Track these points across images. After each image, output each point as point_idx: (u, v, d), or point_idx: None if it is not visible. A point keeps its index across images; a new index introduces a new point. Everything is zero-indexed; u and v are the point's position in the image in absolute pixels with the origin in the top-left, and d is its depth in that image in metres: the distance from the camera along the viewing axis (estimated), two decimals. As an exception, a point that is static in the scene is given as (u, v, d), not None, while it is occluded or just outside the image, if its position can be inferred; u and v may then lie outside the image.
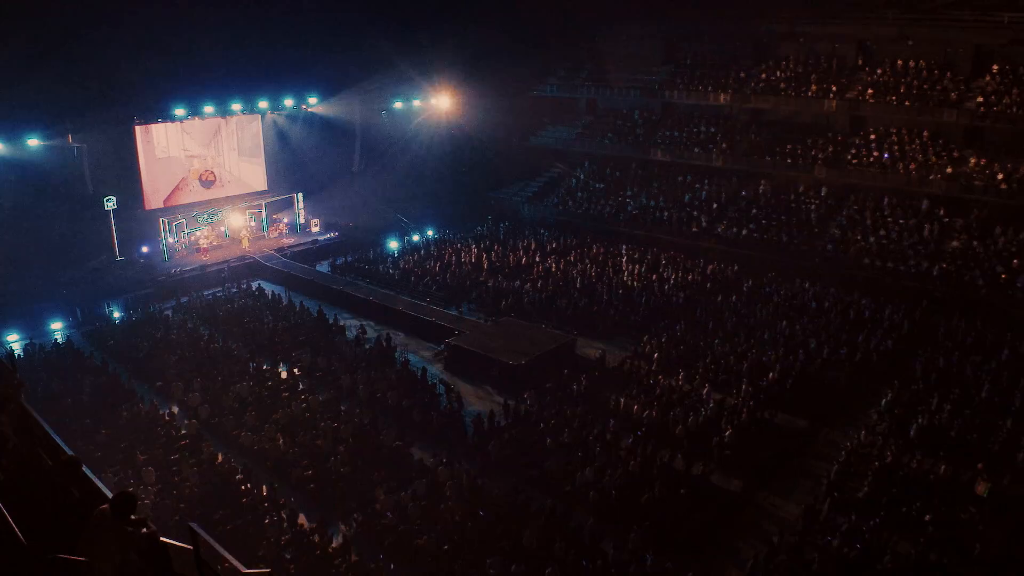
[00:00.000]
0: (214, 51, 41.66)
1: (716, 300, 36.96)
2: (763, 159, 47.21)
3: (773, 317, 34.33)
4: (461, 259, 44.10)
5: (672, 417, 25.83)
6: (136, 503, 7.20)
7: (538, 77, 59.15)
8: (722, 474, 23.59)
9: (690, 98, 51.75)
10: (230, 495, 21.92)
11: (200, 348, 32.52)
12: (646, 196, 50.04)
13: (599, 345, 32.86)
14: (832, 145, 45.57)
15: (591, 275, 40.61)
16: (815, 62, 48.78)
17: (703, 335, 32.87)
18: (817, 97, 46.27)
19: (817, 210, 43.71)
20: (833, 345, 30.95)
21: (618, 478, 22.30)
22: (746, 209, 45.64)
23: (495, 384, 30.23)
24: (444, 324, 34.82)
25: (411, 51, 49.09)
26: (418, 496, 21.59)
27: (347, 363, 31.43)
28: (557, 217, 51.92)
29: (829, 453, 24.78)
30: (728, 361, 29.99)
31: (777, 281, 38.77)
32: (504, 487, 22.40)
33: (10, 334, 34.68)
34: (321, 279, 42.36)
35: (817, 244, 41.19)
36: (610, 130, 55.41)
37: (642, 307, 36.39)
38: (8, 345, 33.68)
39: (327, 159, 52.02)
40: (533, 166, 57.70)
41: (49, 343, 33.58)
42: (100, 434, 24.97)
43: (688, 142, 51.00)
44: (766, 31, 51.33)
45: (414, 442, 25.41)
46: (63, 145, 41.05)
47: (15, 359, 29.15)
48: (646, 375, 29.41)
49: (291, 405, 27.16)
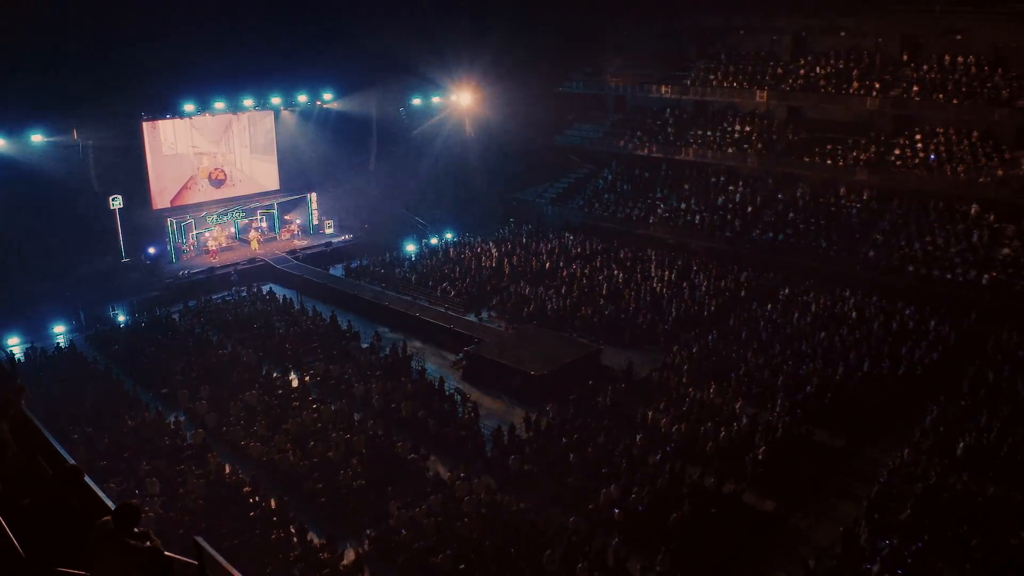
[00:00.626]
0: (224, 44, 41.73)
1: (750, 309, 36.72)
2: (801, 160, 46.90)
3: (811, 327, 34.04)
4: (481, 263, 44.17)
5: (703, 432, 25.67)
6: (139, 515, 7.23)
7: (563, 73, 59.08)
8: (755, 494, 23.38)
9: (724, 95, 51.52)
10: (237, 508, 22.02)
11: (208, 354, 32.74)
12: (676, 198, 49.88)
13: (626, 355, 32.71)
14: (875, 145, 45.19)
15: (618, 281, 40.51)
16: (857, 58, 48.37)
17: (736, 346, 32.65)
18: (859, 95, 45.88)
19: (859, 214, 43.36)
20: (875, 358, 30.63)
21: (645, 496, 22.18)
22: (783, 213, 45.35)
23: (516, 395, 30.19)
24: (463, 331, 34.87)
25: (431, 45, 49.21)
26: (434, 512, 21.58)
27: (361, 371, 31.54)
28: (583, 220, 51.87)
29: (869, 473, 24.48)
30: (763, 374, 29.77)
31: (815, 289, 38.44)
32: (525, 504, 22.33)
33: (11, 337, 35.06)
34: (335, 283, 42.61)
35: (858, 250, 40.85)
36: (639, 129, 55.26)
37: (672, 316, 36.21)
38: (8, 349, 34.01)
39: (342, 158, 52.22)
40: (558, 166, 57.70)
41: (51, 347, 33.97)
42: (103, 443, 25.21)
43: (722, 142, 50.79)
44: (805, 25, 51.01)
45: (430, 455, 25.42)
46: (68, 142, 41.41)
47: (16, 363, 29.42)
48: (675, 388, 29.27)
49: (302, 415, 27.26)
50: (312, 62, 47.16)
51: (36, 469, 9.54)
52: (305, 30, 44.97)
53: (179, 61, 40.93)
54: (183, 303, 39.16)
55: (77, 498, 8.33)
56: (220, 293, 41.03)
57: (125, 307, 38.69)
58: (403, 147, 54.94)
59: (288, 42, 44.82)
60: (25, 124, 39.27)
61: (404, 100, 54.72)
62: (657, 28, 56.53)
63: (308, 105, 51.06)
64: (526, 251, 46.29)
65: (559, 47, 56.71)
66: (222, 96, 46.66)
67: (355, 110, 52.35)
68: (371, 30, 45.45)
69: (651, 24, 56.58)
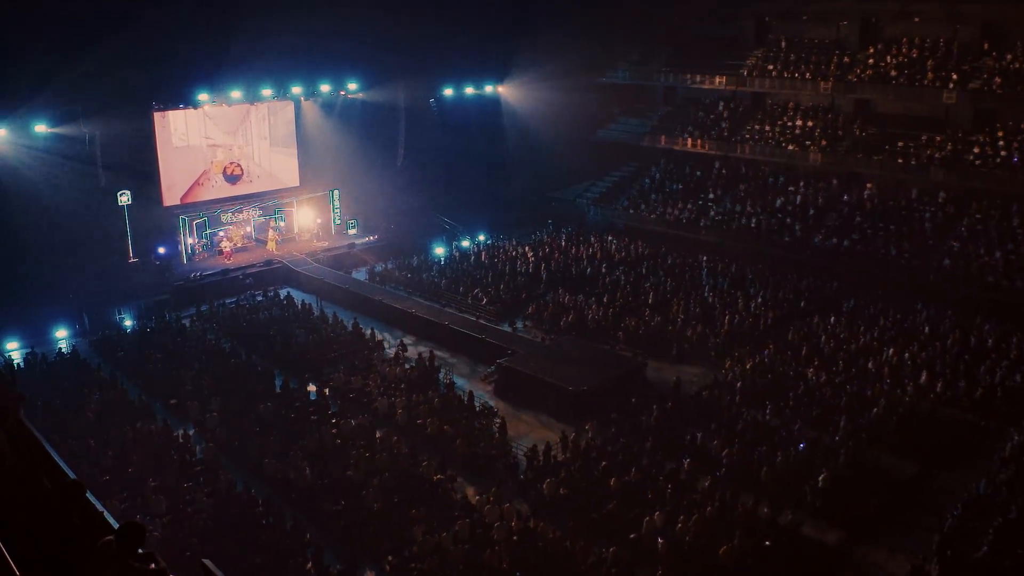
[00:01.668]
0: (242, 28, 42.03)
1: (811, 322, 36.47)
2: (869, 158, 46.48)
3: (878, 343, 33.74)
4: (516, 268, 44.21)
5: (757, 457, 25.53)
6: (144, 535, 7.28)
7: (607, 62, 58.99)
8: (815, 525, 23.21)
9: (784, 87, 51.25)
10: (248, 529, 22.16)
11: (220, 363, 33.08)
12: (731, 200, 49.71)
13: (673, 371, 32.62)
14: (951, 143, 44.68)
15: (665, 290, 40.41)
16: (933, 46, 47.91)
17: (795, 362, 32.48)
18: (934, 87, 45.37)
19: (932, 219, 42.93)
20: (949, 378, 30.32)
21: (692, 526, 22.04)
22: (848, 216, 45.06)
23: (552, 412, 30.14)
24: (495, 342, 34.89)
25: (464, 31, 49.36)
26: (461, 538, 21.60)
27: (384, 384, 31.67)
28: (627, 222, 51.81)
29: (942, 504, 24.17)
30: (824, 393, 29.59)
31: (884, 301, 38.12)
32: (560, 532, 22.28)
33: (10, 342, 35.57)
34: (357, 288, 42.85)
35: (932, 259, 40.44)
36: (690, 123, 55.11)
37: (724, 328, 36.06)
38: (7, 354, 34.54)
39: (367, 152, 52.44)
40: (600, 164, 57.66)
41: (53, 352, 34.43)
42: (106, 456, 25.50)
43: (781, 138, 50.48)
44: (875, 9, 50.62)
45: (457, 476, 25.46)
46: (73, 132, 41.88)
47: (15, 369, 29.86)
48: (727, 407, 29.13)
49: (320, 430, 27.43)
50: (336, 49, 47.34)
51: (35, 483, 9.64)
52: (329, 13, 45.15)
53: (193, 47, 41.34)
54: (194, 307, 39.57)
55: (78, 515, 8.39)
56: (234, 297, 41.39)
57: (132, 311, 39.10)
58: (433, 142, 55.06)
59: (310, 26, 45.00)
60: (28, 113, 39.59)
61: (435, 91, 54.92)
62: (711, 13, 56.33)
63: (331, 95, 51.38)
64: (565, 255, 46.30)
65: (603, 33, 56.66)
66: (239, 84, 46.80)
67: (382, 101, 52.59)
68: (399, 14, 45.66)
69: (705, 8, 56.42)
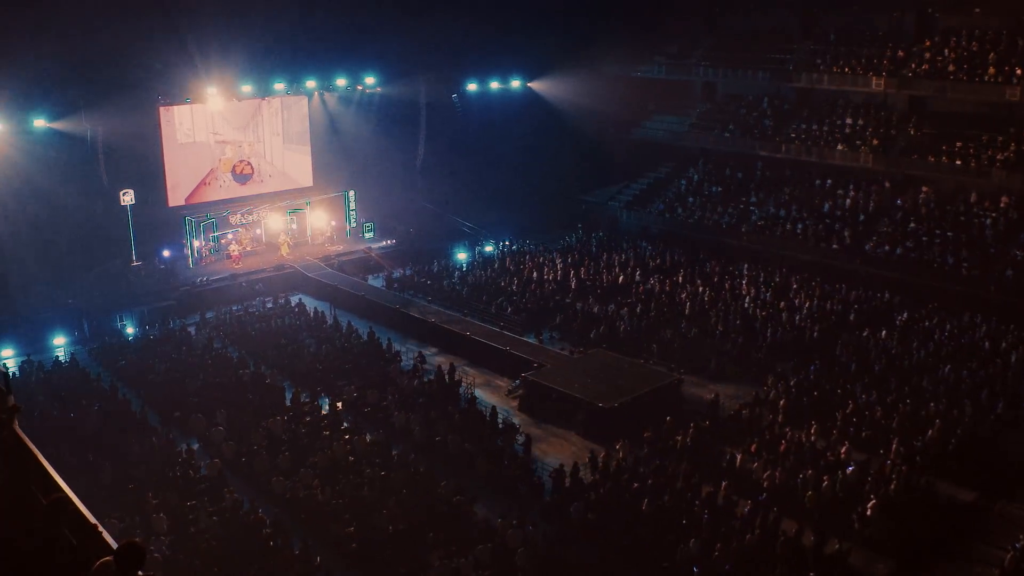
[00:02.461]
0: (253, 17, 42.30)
1: (861, 336, 36.25)
2: (925, 160, 46.17)
3: (934, 360, 33.51)
4: (544, 276, 44.23)
5: (801, 481, 25.37)
6: (145, 556, 7.28)
7: (643, 55, 58.96)
8: (864, 555, 23.05)
9: (833, 82, 51.00)
10: (255, 552, 22.23)
11: (227, 374, 33.24)
12: (774, 203, 49.56)
13: (711, 387, 32.53)
14: (1015, 143, 44.30)
15: (703, 299, 40.29)
16: (995, 38, 47.59)
17: (843, 379, 32.30)
18: (996, 82, 45.02)
19: (994, 225, 42.63)
20: (1010, 397, 30.04)
21: (731, 554, 21.94)
22: (902, 222, 44.81)
23: (580, 430, 30.13)
24: (520, 354, 34.91)
25: (488, 22, 49.44)
26: (481, 564, 21.59)
27: (401, 398, 31.73)
28: (663, 227, 51.79)
29: (1003, 534, 23.95)
30: (874, 413, 29.33)
31: (940, 314, 37.86)
32: (587, 559, 22.24)
33: (4, 349, 35.90)
34: (373, 295, 43.02)
35: (993, 269, 40.12)
36: (731, 121, 55.06)
37: (766, 341, 35.98)
38: (2, 362, 34.81)
39: (385, 151, 52.65)
40: (635, 164, 57.66)
41: (50, 361, 34.73)
42: (105, 471, 25.66)
43: (829, 137, 50.28)
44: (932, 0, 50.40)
45: (478, 497, 25.45)
46: (74, 128, 42.29)
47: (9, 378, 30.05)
48: (769, 427, 28.99)
49: (333, 446, 27.48)
50: (353, 40, 47.59)
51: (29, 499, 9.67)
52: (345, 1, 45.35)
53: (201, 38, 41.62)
54: (200, 314, 39.83)
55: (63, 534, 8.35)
56: (243, 304, 41.61)
57: (134, 317, 39.41)
58: (456, 140, 55.19)
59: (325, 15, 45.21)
60: (26, 107, 40.02)
61: (458, 85, 55.06)
62: (755, 2, 56.20)
63: (348, 89, 51.62)
64: (596, 262, 46.28)
65: (638, 25, 56.64)
66: (249, 78, 47.15)
67: (402, 96, 52.76)
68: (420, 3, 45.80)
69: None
